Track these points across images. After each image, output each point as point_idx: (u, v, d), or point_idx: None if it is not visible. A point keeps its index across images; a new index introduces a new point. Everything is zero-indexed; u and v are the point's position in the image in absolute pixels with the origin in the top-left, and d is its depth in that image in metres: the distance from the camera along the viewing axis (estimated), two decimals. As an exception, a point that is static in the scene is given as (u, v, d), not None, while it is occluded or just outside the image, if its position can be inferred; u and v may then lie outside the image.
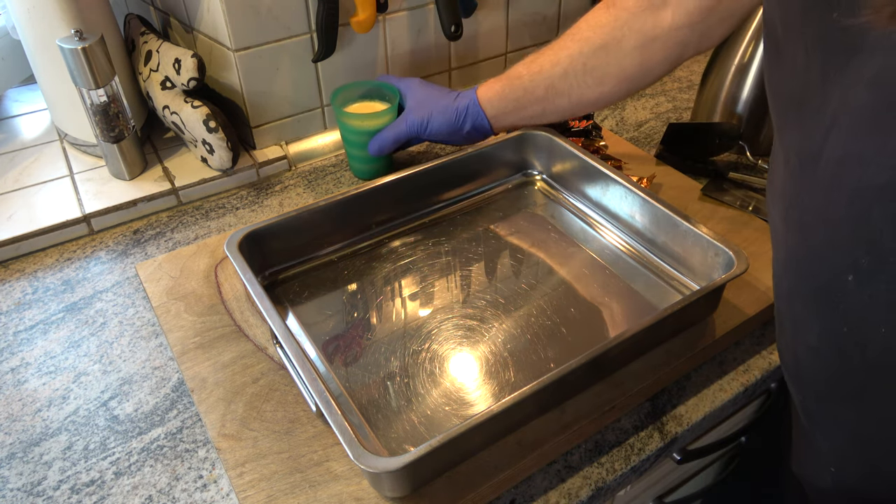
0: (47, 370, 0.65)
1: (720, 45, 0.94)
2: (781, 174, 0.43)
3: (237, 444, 0.57)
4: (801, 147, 0.39)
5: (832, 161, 0.37)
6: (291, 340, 0.56)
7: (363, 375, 0.62)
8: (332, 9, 0.81)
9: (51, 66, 0.81)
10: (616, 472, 0.57)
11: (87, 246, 0.80)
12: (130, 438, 0.59)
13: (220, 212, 0.85)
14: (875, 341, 0.38)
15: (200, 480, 0.56)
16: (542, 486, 0.56)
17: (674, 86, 1.12)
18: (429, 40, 0.96)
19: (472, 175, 0.83)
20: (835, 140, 0.36)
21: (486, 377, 0.62)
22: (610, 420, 0.60)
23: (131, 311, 0.71)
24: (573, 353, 0.64)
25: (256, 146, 0.90)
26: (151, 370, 0.65)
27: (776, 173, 0.45)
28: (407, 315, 0.69)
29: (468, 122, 0.77)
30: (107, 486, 0.56)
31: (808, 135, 0.39)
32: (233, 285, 0.72)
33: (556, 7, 1.06)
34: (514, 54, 1.07)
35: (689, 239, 0.68)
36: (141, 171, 0.86)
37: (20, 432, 0.60)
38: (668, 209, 0.70)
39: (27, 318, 0.70)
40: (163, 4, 0.92)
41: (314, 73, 0.89)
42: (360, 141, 0.84)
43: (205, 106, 0.82)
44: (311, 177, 0.91)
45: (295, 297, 0.70)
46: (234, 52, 0.81)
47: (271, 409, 0.60)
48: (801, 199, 0.41)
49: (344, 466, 0.55)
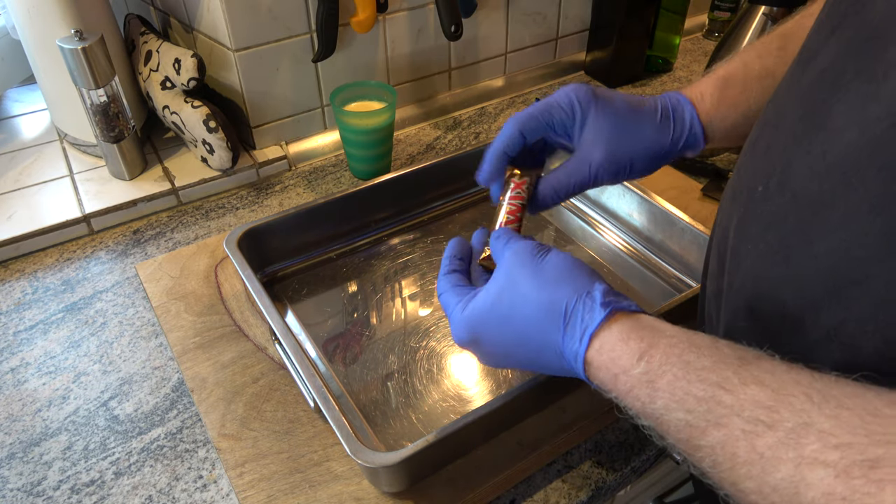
0: (47, 370, 0.65)
1: (720, 45, 0.94)
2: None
3: (237, 444, 0.57)
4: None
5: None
6: (290, 337, 0.56)
7: (362, 373, 0.62)
8: (332, 9, 0.81)
9: (51, 66, 0.82)
10: (616, 472, 0.57)
11: (87, 246, 0.80)
12: (130, 438, 0.59)
13: (220, 212, 0.85)
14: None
15: (200, 480, 0.56)
16: (542, 486, 0.56)
17: (674, 86, 1.12)
18: (429, 40, 0.96)
19: (471, 173, 0.82)
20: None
21: (484, 374, 0.62)
22: (610, 420, 0.60)
23: (131, 311, 0.71)
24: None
25: (256, 146, 0.90)
26: (151, 370, 0.65)
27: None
28: (406, 313, 0.69)
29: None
30: (107, 486, 0.56)
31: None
32: (233, 285, 0.72)
33: (556, 7, 1.06)
34: (514, 54, 1.07)
35: (687, 237, 0.68)
36: (141, 171, 0.87)
37: (20, 432, 0.60)
38: (666, 207, 0.70)
39: (27, 318, 0.70)
40: (163, 4, 0.92)
41: (314, 73, 0.89)
42: (359, 140, 0.84)
43: (205, 106, 0.82)
44: (311, 177, 0.91)
45: (294, 294, 0.71)
46: (234, 52, 0.81)
47: (271, 409, 0.60)
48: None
49: (344, 466, 0.55)
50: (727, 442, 0.30)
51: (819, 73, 0.36)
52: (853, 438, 0.25)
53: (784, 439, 0.27)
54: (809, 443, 0.26)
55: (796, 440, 0.27)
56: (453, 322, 0.44)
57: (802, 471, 0.26)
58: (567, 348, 0.38)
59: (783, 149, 0.38)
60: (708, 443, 0.31)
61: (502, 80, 1.08)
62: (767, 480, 0.27)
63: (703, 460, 0.31)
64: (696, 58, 1.20)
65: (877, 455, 0.24)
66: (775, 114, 0.41)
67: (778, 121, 0.39)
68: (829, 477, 0.25)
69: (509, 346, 0.41)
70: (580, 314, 0.37)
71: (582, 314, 0.37)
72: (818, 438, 0.26)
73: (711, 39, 1.26)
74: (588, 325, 0.37)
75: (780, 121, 0.39)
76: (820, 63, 0.36)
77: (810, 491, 0.25)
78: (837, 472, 0.25)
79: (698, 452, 0.31)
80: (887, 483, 0.23)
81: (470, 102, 1.05)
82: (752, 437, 0.28)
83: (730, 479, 0.30)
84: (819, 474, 0.25)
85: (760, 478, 0.28)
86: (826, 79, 0.35)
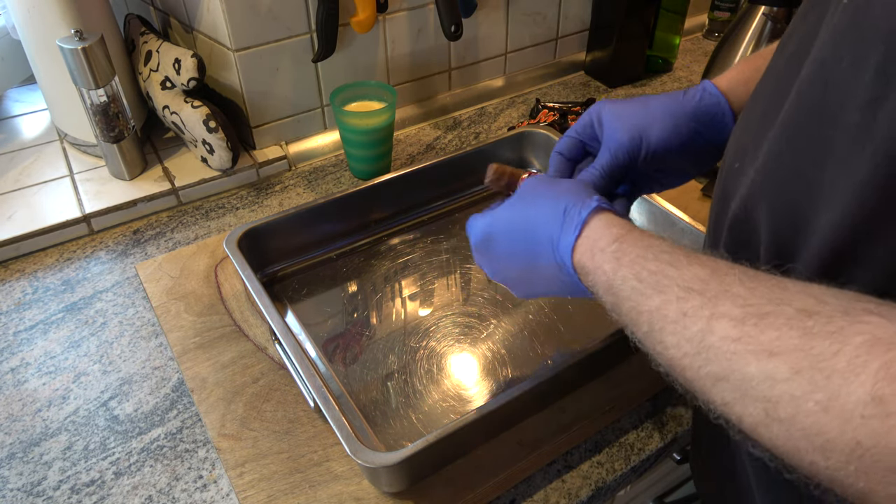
0: (47, 370, 0.65)
1: (720, 45, 0.94)
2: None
3: (237, 444, 0.57)
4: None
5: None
6: (290, 337, 0.56)
7: (362, 373, 0.62)
8: (332, 9, 0.81)
9: (51, 66, 0.82)
10: (616, 472, 0.57)
11: (87, 246, 0.80)
12: (130, 438, 0.59)
13: (220, 212, 0.85)
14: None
15: (200, 480, 0.56)
16: (542, 486, 0.56)
17: (674, 86, 1.12)
18: (429, 40, 0.96)
19: (471, 173, 0.83)
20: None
21: (485, 374, 0.62)
22: (610, 420, 0.60)
23: (131, 311, 0.71)
24: (571, 350, 0.64)
25: (256, 146, 0.90)
26: (151, 370, 0.65)
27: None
28: (406, 313, 0.69)
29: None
30: (107, 486, 0.56)
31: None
32: (233, 285, 0.72)
33: (556, 7, 1.06)
34: (513, 54, 1.07)
35: (687, 237, 0.68)
36: (141, 171, 0.87)
37: (20, 432, 0.60)
38: (666, 207, 0.70)
39: (27, 318, 0.70)
40: (163, 4, 0.92)
41: (314, 73, 0.89)
42: (359, 140, 0.84)
43: (205, 106, 0.82)
44: (311, 177, 0.91)
45: (294, 294, 0.71)
46: (234, 52, 0.81)
47: (271, 409, 0.60)
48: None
49: (344, 466, 0.55)
50: (662, 305, 0.36)
51: (788, 57, 0.39)
52: (757, 301, 0.31)
53: (705, 302, 0.33)
54: (722, 304, 0.33)
55: (714, 302, 0.33)
56: (474, 227, 0.52)
57: (711, 323, 0.32)
58: (562, 239, 0.44)
59: (755, 127, 0.41)
60: (648, 307, 0.37)
61: (502, 80, 1.08)
62: (685, 334, 0.34)
63: (643, 325, 0.37)
64: (696, 58, 1.20)
65: (768, 311, 0.30)
66: (753, 97, 0.44)
67: (754, 103, 0.43)
68: (728, 326, 0.31)
69: (515, 243, 0.48)
70: (577, 210, 0.44)
71: (578, 210, 0.44)
72: (731, 301, 0.32)
73: (711, 39, 1.26)
74: (581, 216, 0.44)
75: (755, 103, 0.42)
76: (790, 47, 0.39)
77: (713, 336, 0.32)
78: (735, 322, 0.31)
79: (640, 318, 0.37)
80: (766, 327, 0.30)
81: (470, 102, 1.05)
82: (682, 301, 0.35)
83: (658, 338, 0.36)
84: (722, 324, 0.32)
85: (681, 333, 0.34)
86: (793, 63, 0.38)
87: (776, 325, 0.30)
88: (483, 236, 0.51)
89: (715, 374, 0.32)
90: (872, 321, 0.27)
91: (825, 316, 0.29)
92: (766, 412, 0.29)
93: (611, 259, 0.41)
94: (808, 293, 0.30)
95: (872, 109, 0.30)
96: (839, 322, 0.28)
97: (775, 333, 0.29)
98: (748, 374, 0.30)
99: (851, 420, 0.26)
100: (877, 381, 0.25)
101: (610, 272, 0.40)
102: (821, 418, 0.27)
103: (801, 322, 0.29)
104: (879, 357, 0.26)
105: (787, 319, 0.30)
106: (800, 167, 0.35)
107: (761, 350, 0.29)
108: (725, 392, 0.31)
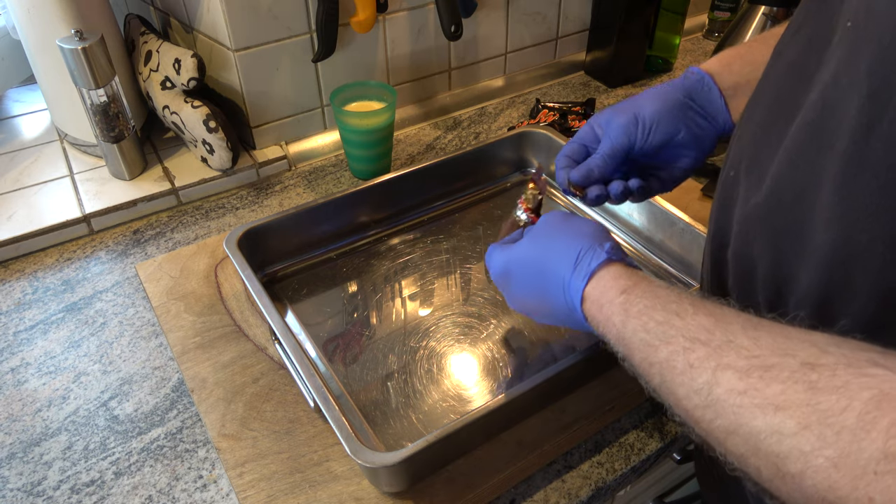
0: (47, 370, 0.65)
1: (720, 45, 0.94)
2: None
3: (237, 444, 0.57)
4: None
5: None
6: (290, 337, 0.56)
7: (362, 373, 0.62)
8: (332, 9, 0.81)
9: (51, 66, 0.81)
10: (616, 472, 0.57)
11: (87, 246, 0.80)
12: (130, 438, 0.59)
13: (220, 212, 0.85)
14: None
15: (200, 480, 0.56)
16: (542, 486, 0.56)
17: (674, 85, 1.12)
18: (429, 40, 0.96)
19: (471, 173, 0.83)
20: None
21: (484, 374, 0.62)
22: (610, 420, 0.60)
23: (131, 311, 0.71)
24: (571, 350, 0.64)
25: (256, 146, 0.90)
26: (151, 370, 0.65)
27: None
28: (406, 313, 0.69)
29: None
30: (107, 486, 0.56)
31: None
32: (233, 285, 0.72)
33: (555, 7, 1.06)
34: (513, 54, 1.07)
35: (687, 236, 0.68)
36: (141, 171, 0.87)
37: (20, 432, 0.60)
38: (666, 207, 0.70)
39: (27, 318, 0.70)
40: (163, 4, 0.92)
41: (314, 73, 0.89)
42: (359, 140, 0.84)
43: (205, 106, 0.82)
44: (310, 177, 0.91)
45: (294, 294, 0.71)
46: (234, 52, 0.81)
47: (271, 409, 0.60)
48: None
49: (344, 466, 0.55)
50: (671, 357, 0.36)
51: (787, 67, 0.40)
52: (761, 352, 0.32)
53: (710, 353, 0.34)
54: (727, 355, 0.33)
55: (719, 353, 0.33)
56: (493, 260, 0.54)
57: (717, 374, 0.33)
58: (572, 285, 0.46)
59: (752, 137, 0.41)
60: (658, 359, 0.37)
61: (502, 80, 1.08)
62: (693, 385, 0.34)
63: (655, 377, 0.38)
64: (696, 58, 1.20)
65: (773, 363, 0.31)
66: (751, 104, 0.44)
67: (752, 111, 0.43)
68: (734, 378, 0.32)
69: (531, 280, 0.50)
70: (588, 259, 0.46)
71: (590, 259, 0.46)
72: (735, 352, 0.33)
73: (711, 39, 1.26)
74: (591, 266, 0.45)
75: (752, 112, 0.43)
76: (787, 57, 0.40)
77: (719, 388, 0.32)
78: (741, 375, 0.31)
79: (652, 369, 0.38)
80: (771, 380, 0.30)
81: (470, 102, 1.05)
82: (689, 352, 0.35)
83: (670, 389, 0.36)
84: (728, 376, 0.32)
85: (689, 384, 0.34)
86: (793, 73, 0.38)
87: (781, 378, 0.30)
88: (502, 271, 0.53)
89: (725, 427, 0.32)
90: (878, 374, 0.27)
91: (829, 368, 0.29)
92: (777, 467, 0.29)
93: (619, 311, 0.42)
94: (812, 342, 0.31)
95: (865, 136, 0.30)
96: (843, 376, 0.28)
97: (780, 387, 0.30)
98: (755, 428, 0.30)
99: (864, 476, 0.26)
100: (888, 437, 0.25)
101: (619, 325, 0.41)
102: (832, 474, 0.27)
103: (805, 375, 0.29)
104: (889, 413, 0.26)
105: (791, 372, 0.30)
106: (800, 190, 0.36)
107: (767, 404, 0.30)
108: (738, 445, 0.31)
